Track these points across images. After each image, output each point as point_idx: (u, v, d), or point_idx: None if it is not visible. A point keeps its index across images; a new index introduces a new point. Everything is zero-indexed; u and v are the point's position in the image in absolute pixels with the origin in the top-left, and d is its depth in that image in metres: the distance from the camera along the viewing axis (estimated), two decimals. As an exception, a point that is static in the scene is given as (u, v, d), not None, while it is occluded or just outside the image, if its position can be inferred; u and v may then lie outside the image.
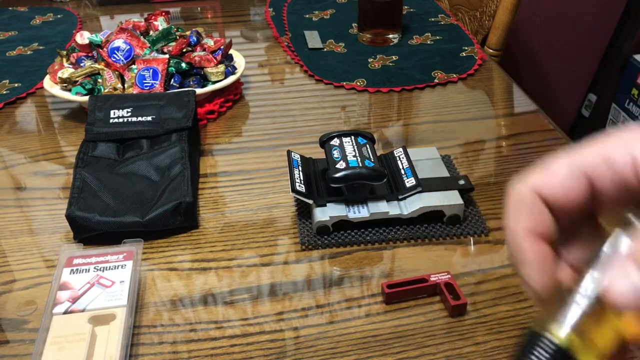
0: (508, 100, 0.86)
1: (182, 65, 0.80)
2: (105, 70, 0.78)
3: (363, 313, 0.51)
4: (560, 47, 1.77)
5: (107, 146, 0.67)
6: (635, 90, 1.65)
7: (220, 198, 0.65)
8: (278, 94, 0.87)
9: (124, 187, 0.61)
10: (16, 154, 0.74)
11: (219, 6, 1.21)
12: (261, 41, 1.05)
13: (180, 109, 0.70)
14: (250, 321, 0.50)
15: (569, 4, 1.69)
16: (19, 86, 0.88)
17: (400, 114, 0.81)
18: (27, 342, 0.48)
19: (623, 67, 1.72)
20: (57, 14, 1.16)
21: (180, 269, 0.55)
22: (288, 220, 0.61)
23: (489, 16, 1.17)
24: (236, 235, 0.59)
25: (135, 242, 0.54)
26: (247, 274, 0.55)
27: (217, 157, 0.72)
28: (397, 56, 0.95)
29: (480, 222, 0.59)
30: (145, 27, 0.85)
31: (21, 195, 0.66)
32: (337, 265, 0.55)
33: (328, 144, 0.62)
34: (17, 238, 0.60)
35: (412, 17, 1.10)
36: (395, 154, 0.64)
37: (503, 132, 0.77)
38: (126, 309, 0.48)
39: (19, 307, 0.52)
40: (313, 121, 0.79)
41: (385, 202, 0.59)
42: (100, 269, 0.52)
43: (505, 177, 0.67)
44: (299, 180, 0.59)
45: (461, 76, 0.89)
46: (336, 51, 0.98)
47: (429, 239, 0.58)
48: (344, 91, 0.87)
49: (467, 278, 0.54)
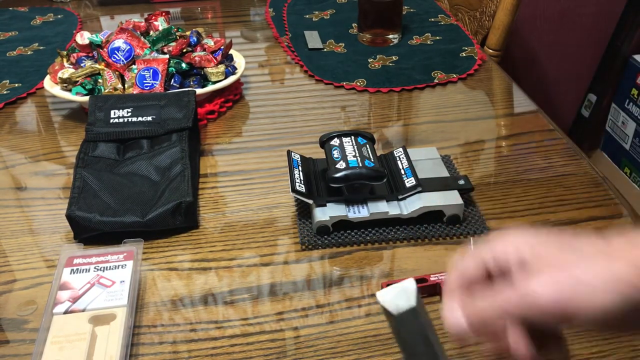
0: (508, 100, 0.86)
1: (182, 66, 0.80)
2: (106, 71, 0.78)
3: (363, 313, 0.51)
4: (560, 47, 1.77)
5: (108, 146, 0.67)
6: (635, 90, 1.65)
7: (220, 198, 0.65)
8: (278, 94, 0.87)
9: (124, 187, 0.61)
10: (17, 154, 0.74)
11: (219, 6, 1.21)
12: (261, 41, 1.05)
13: (181, 109, 0.71)
14: (250, 321, 0.50)
15: (569, 4, 1.69)
16: (19, 86, 0.89)
17: (400, 114, 0.81)
18: (28, 342, 0.48)
19: (623, 67, 1.72)
20: (58, 14, 1.16)
21: (181, 269, 0.55)
22: (288, 220, 0.61)
23: (489, 16, 1.17)
24: (236, 235, 0.59)
25: (136, 242, 0.54)
26: (247, 273, 0.55)
27: (217, 157, 0.72)
28: (397, 56, 0.95)
29: (480, 222, 0.59)
30: (146, 28, 0.85)
31: (22, 195, 0.66)
32: (337, 265, 0.56)
33: (328, 144, 0.62)
34: (18, 238, 0.60)
35: (412, 17, 1.10)
36: (395, 154, 0.64)
37: (503, 132, 0.77)
38: (126, 309, 0.48)
39: (20, 307, 0.52)
40: (313, 121, 0.79)
41: (385, 202, 0.59)
42: (100, 269, 0.52)
43: (505, 177, 0.67)
44: (299, 180, 0.59)
45: (461, 76, 0.89)
46: (336, 51, 0.98)
47: (428, 239, 0.58)
48: (344, 91, 0.87)
49: (467, 278, 0.54)
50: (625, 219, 0.61)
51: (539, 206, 0.62)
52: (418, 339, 0.25)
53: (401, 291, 0.25)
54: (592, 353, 0.46)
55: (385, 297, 0.25)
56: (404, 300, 0.25)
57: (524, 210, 0.62)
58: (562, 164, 0.69)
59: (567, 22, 1.72)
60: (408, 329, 0.25)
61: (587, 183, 0.66)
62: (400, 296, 0.25)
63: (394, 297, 0.25)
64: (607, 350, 0.47)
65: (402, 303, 0.24)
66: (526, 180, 0.66)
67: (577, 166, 0.69)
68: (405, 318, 0.25)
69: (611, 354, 0.46)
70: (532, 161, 0.70)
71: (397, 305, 0.24)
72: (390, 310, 0.24)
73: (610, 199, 0.63)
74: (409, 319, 0.25)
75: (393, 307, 0.24)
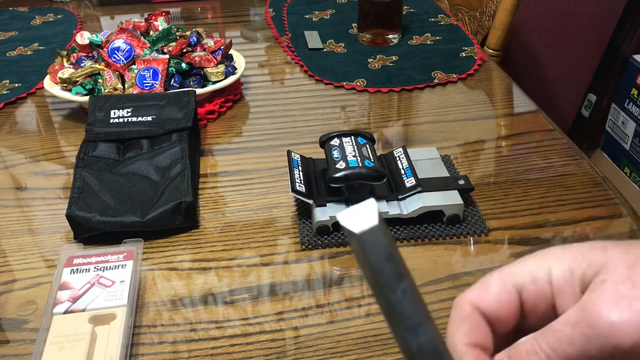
0: (508, 100, 0.86)
1: (182, 66, 0.80)
2: (106, 71, 0.78)
3: (363, 313, 0.51)
4: (560, 47, 1.77)
5: (107, 146, 0.67)
6: (635, 90, 1.65)
7: (220, 198, 0.65)
8: (278, 94, 0.87)
9: (124, 187, 0.61)
10: (16, 154, 0.74)
11: (219, 6, 1.21)
12: (261, 41, 1.05)
13: (181, 109, 0.71)
14: (250, 321, 0.50)
15: (569, 4, 1.69)
16: (19, 86, 0.89)
17: (400, 114, 0.81)
18: (28, 342, 0.48)
19: (623, 67, 1.72)
20: (58, 14, 1.16)
21: (181, 269, 0.55)
22: (288, 220, 0.61)
23: (489, 16, 1.17)
24: (236, 235, 0.59)
25: (136, 242, 0.55)
26: (247, 273, 0.55)
27: (217, 157, 0.72)
28: (397, 56, 0.95)
29: (480, 222, 0.59)
30: (146, 28, 0.85)
31: (21, 195, 0.66)
32: (337, 265, 0.56)
33: (328, 144, 0.62)
34: (18, 238, 0.60)
35: (412, 17, 1.10)
36: (395, 154, 0.64)
37: (503, 132, 0.77)
38: (126, 309, 0.48)
39: (20, 307, 0.52)
40: (313, 121, 0.79)
41: (385, 202, 0.59)
42: (100, 269, 0.52)
43: (505, 177, 0.67)
44: (299, 180, 0.59)
45: (461, 76, 0.89)
46: (336, 51, 0.98)
47: (428, 238, 0.58)
48: (344, 91, 0.87)
49: (467, 278, 0.54)
50: (625, 219, 0.61)
51: (539, 206, 0.62)
52: (382, 259, 0.24)
53: (363, 210, 0.24)
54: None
55: (346, 217, 0.23)
56: (366, 219, 0.24)
57: (523, 210, 0.62)
58: (562, 164, 0.69)
59: (567, 22, 1.73)
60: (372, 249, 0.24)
61: (587, 183, 0.66)
62: (362, 215, 0.23)
63: (355, 217, 0.24)
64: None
65: (364, 222, 0.23)
66: (526, 180, 0.66)
67: (577, 166, 0.69)
68: (369, 237, 0.24)
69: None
70: (532, 161, 0.70)
71: (359, 225, 0.23)
72: (353, 230, 0.23)
73: (610, 199, 0.63)
74: (373, 238, 0.24)
75: (355, 227, 0.23)
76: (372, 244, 0.23)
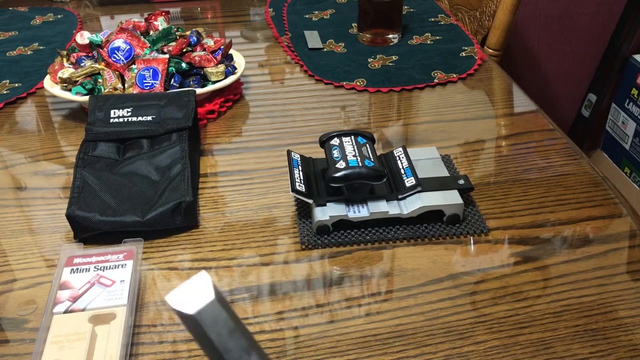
0: (508, 100, 0.86)
1: (182, 65, 0.80)
2: (106, 70, 0.78)
3: (363, 313, 0.51)
4: (560, 47, 1.77)
5: (107, 146, 0.67)
6: (635, 90, 1.65)
7: (220, 198, 0.65)
8: (278, 94, 0.87)
9: (124, 187, 0.61)
10: (16, 154, 0.74)
11: (219, 6, 1.21)
12: (261, 41, 1.05)
13: (181, 109, 0.71)
14: (250, 320, 0.50)
15: (569, 4, 1.69)
16: (19, 86, 0.89)
17: (400, 114, 0.81)
18: (28, 342, 0.48)
19: (623, 67, 1.72)
20: (58, 14, 1.16)
21: (181, 269, 0.56)
22: (288, 220, 0.61)
23: (489, 16, 1.17)
24: (236, 235, 0.59)
25: (136, 241, 0.55)
26: (247, 273, 0.55)
27: (217, 157, 0.72)
28: (397, 56, 0.95)
29: (480, 222, 0.60)
30: (146, 27, 0.85)
31: (21, 195, 0.66)
32: (337, 265, 0.56)
33: (328, 144, 0.62)
34: (18, 238, 0.60)
35: (412, 17, 1.10)
36: (395, 153, 0.64)
37: (503, 132, 0.77)
38: (126, 309, 0.48)
39: (19, 307, 0.52)
40: (313, 121, 0.79)
41: (385, 201, 0.59)
42: (100, 269, 0.52)
43: (505, 176, 0.67)
44: (299, 180, 0.59)
45: (461, 76, 0.89)
46: (336, 51, 0.98)
47: (428, 238, 0.58)
48: (344, 91, 0.87)
49: (466, 277, 0.54)
50: (625, 219, 0.61)
51: (539, 206, 0.62)
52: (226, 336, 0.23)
53: (195, 286, 0.22)
54: (592, 353, 0.47)
55: (176, 299, 0.21)
56: (200, 296, 0.21)
57: (523, 210, 0.62)
58: (562, 164, 0.69)
59: (567, 22, 1.73)
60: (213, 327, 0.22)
61: (586, 183, 0.66)
62: (195, 292, 0.21)
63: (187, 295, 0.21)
64: (606, 349, 0.47)
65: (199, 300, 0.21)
66: (526, 180, 0.66)
67: (577, 166, 0.69)
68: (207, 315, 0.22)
69: (611, 353, 0.46)
70: (532, 161, 0.70)
71: (194, 304, 0.21)
72: (187, 312, 0.21)
73: (610, 198, 0.63)
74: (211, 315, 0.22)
75: (189, 308, 0.22)
76: (212, 321, 0.22)
